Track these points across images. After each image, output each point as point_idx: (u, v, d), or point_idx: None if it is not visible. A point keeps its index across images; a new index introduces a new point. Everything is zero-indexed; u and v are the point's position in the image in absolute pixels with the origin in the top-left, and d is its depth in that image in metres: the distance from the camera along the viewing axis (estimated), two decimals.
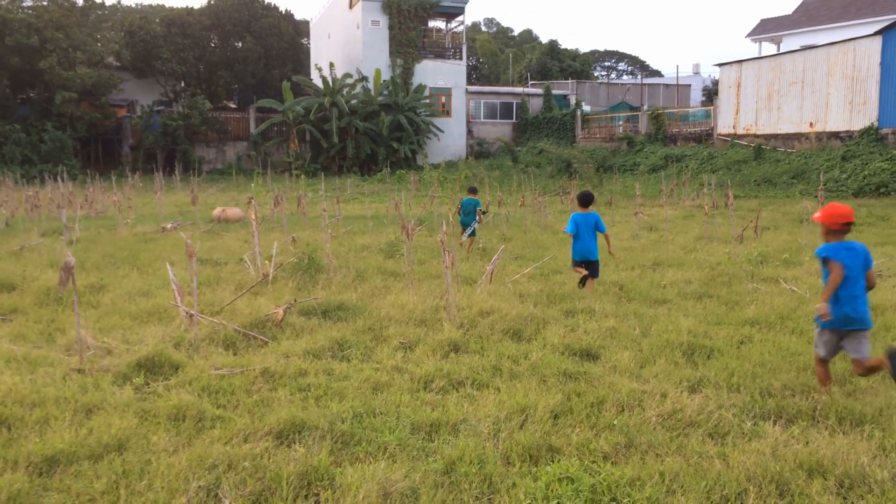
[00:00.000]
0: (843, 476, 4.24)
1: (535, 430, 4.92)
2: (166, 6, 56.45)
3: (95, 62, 40.40)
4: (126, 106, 45.27)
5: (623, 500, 3.99)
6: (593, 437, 4.84)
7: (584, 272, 9.67)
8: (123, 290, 9.66)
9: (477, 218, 13.70)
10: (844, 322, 5.59)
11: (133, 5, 57.40)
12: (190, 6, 54.00)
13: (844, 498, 4.08)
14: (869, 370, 5.64)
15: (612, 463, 4.48)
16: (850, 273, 5.62)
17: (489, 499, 4.10)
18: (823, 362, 5.80)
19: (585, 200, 9.84)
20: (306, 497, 4.12)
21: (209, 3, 54.63)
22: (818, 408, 5.30)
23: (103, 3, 43.57)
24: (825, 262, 5.69)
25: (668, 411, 5.21)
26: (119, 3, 53.41)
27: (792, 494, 4.08)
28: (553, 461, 4.45)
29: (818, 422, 5.12)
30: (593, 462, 4.48)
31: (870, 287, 5.79)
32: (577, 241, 9.63)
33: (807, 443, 4.69)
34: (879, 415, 5.14)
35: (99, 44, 42.78)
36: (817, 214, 5.91)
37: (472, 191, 14.79)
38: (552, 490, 4.08)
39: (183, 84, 50.48)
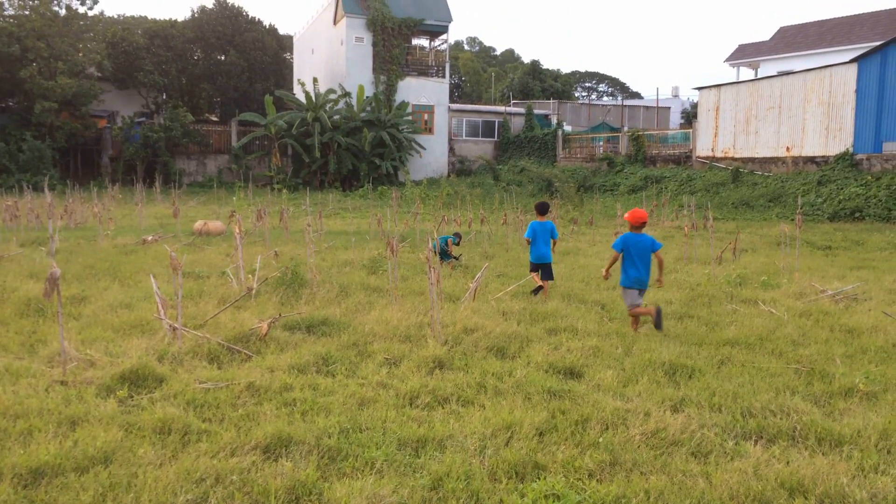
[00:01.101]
0: (823, 496, 4.32)
1: (520, 447, 4.96)
2: (149, 18, 56.27)
3: (76, 72, 40.15)
4: (107, 117, 44.97)
5: None
6: (578, 454, 4.89)
7: (539, 282, 10.70)
8: (105, 301, 9.59)
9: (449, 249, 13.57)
10: (637, 283, 8.62)
11: (116, 16, 57.26)
12: (174, 18, 53.99)
13: None
14: (636, 314, 8.57)
15: (597, 480, 4.53)
16: (636, 252, 8.63)
17: None
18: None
19: (543, 209, 10.96)
20: None
21: (193, 15, 54.60)
22: (798, 428, 5.39)
23: (85, 14, 43.25)
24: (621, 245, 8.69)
25: (652, 430, 5.27)
26: (101, 13, 53.12)
27: None
28: (539, 478, 4.50)
29: (798, 442, 5.21)
30: (579, 479, 4.52)
31: (658, 263, 8.79)
32: (534, 246, 10.76)
33: (788, 462, 4.77)
34: (858, 435, 5.24)
35: (80, 54, 42.56)
36: (626, 215, 8.86)
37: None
38: None
39: (165, 96, 50.31)
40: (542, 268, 10.79)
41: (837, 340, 8.14)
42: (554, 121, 48.93)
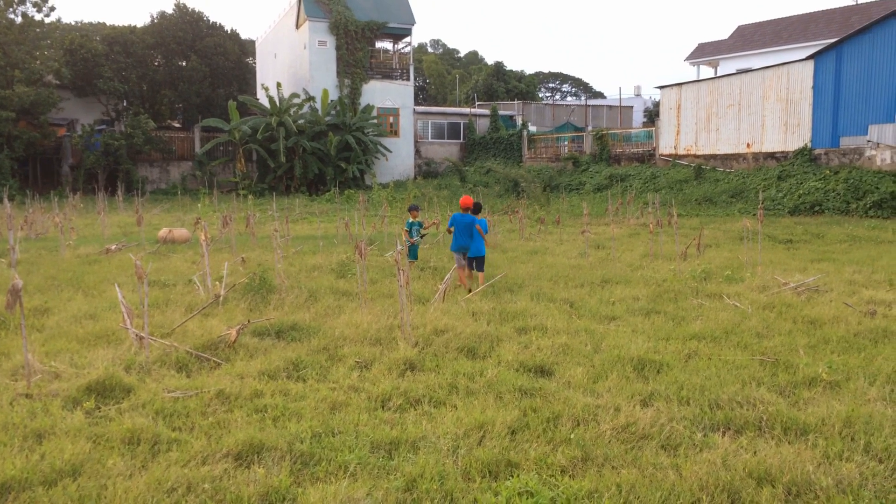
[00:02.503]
0: (790, 484, 4.41)
1: (493, 446, 4.99)
2: (108, 24, 55.33)
3: (34, 80, 39.34)
4: (66, 125, 44.10)
5: None
6: (551, 451, 4.93)
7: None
8: (69, 313, 9.43)
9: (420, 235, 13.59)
10: (459, 249, 11.41)
11: (73, 23, 56.20)
12: (133, 24, 53.14)
13: None
14: (463, 277, 11.50)
15: (569, 476, 4.58)
16: (459, 228, 11.37)
17: None
18: (461, 269, 11.52)
19: (477, 207, 12.00)
20: None
21: (152, 21, 53.79)
22: (764, 418, 5.50)
23: (42, 21, 42.40)
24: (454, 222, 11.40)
25: (622, 425, 5.34)
26: (59, 20, 52.19)
27: (743, 502, 4.23)
28: (512, 476, 4.53)
29: (765, 432, 5.31)
30: (551, 476, 4.57)
31: (482, 235, 11.31)
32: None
33: (755, 452, 4.87)
34: (822, 424, 5.36)
35: (38, 62, 41.69)
36: (461, 200, 11.64)
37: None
38: None
39: (125, 103, 49.48)
40: (477, 261, 11.55)
41: (800, 331, 8.31)
42: (519, 121, 49.15)
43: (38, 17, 41.40)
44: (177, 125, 53.89)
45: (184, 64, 52.69)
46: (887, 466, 4.68)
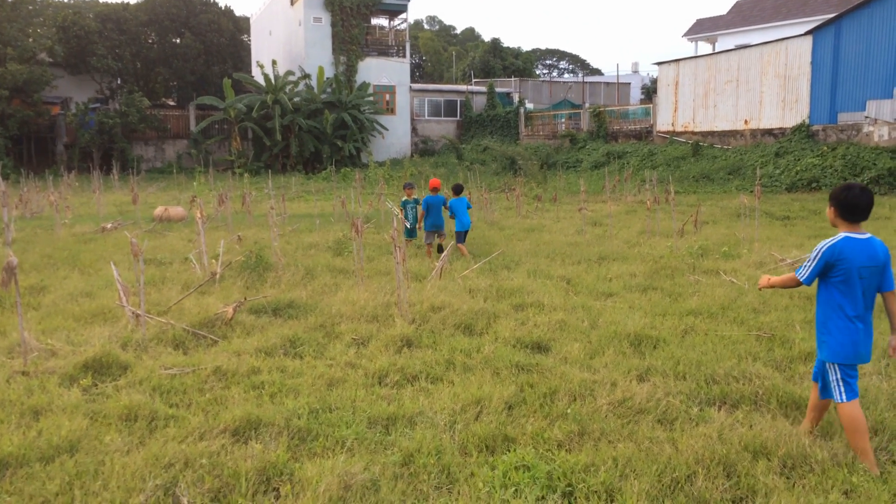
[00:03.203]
0: (785, 457, 4.43)
1: (490, 421, 5.01)
2: (101, 1, 54.73)
3: (27, 58, 39.00)
4: (60, 103, 43.81)
5: (578, 486, 4.10)
6: (547, 426, 4.95)
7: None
8: (65, 291, 9.42)
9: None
10: (433, 227, 12.64)
11: (66, 0, 55.63)
12: (126, 1, 52.61)
13: (787, 478, 4.27)
14: (429, 251, 12.71)
15: (566, 450, 4.60)
16: (432, 208, 12.60)
17: (448, 489, 4.17)
18: (429, 246, 12.78)
19: (458, 188, 13.23)
20: (265, 492, 4.12)
21: None
22: (760, 393, 5.52)
23: None
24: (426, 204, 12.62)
25: (619, 399, 5.36)
26: None
27: (738, 475, 4.25)
28: (509, 450, 4.55)
29: (760, 406, 5.33)
30: (548, 450, 4.58)
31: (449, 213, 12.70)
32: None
33: (751, 426, 4.89)
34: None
35: (31, 39, 41.32)
36: (430, 182, 13.10)
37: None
38: (509, 478, 4.17)
39: (119, 81, 49.14)
40: (461, 234, 12.81)
41: (796, 307, 8.32)
42: (516, 99, 48.91)
43: None
44: (171, 103, 53.55)
45: (178, 41, 52.24)
46: (882, 439, 4.71)
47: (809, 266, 4.53)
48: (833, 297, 4.50)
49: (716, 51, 39.88)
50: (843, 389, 4.51)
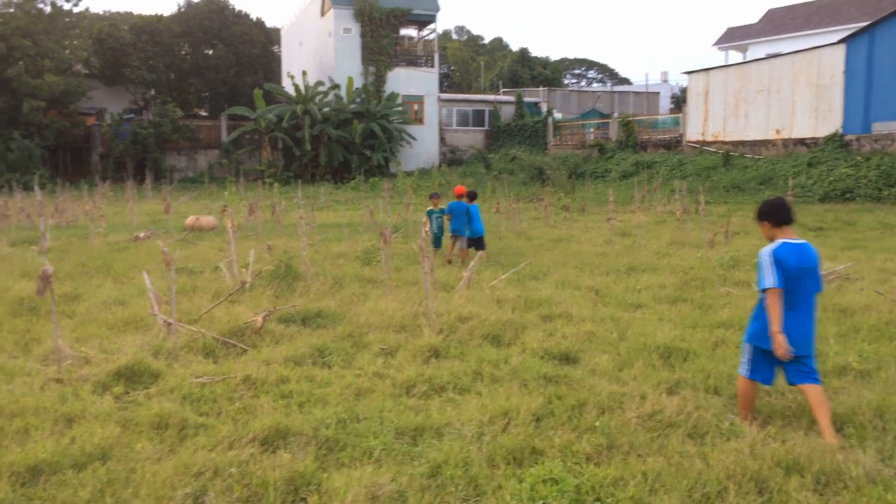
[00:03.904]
0: (819, 473, 4.35)
1: (518, 433, 4.98)
2: (135, 13, 55.77)
3: (63, 70, 39.84)
4: (95, 114, 44.67)
5: (607, 500, 4.07)
6: (575, 438, 4.91)
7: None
8: (98, 299, 9.57)
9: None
10: (454, 232, 13.02)
11: (101, 13, 56.65)
12: (160, 14, 53.60)
13: (821, 495, 4.19)
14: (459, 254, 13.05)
15: (594, 464, 4.56)
16: (455, 213, 12.92)
17: (475, 501, 4.16)
18: (451, 249, 13.32)
19: (472, 195, 13.64)
20: (293, 502, 4.14)
21: (179, 10, 54.22)
22: (793, 407, 5.43)
23: (71, 11, 42.92)
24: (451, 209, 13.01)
25: (648, 412, 5.30)
26: (87, 10, 52.82)
27: (770, 492, 4.18)
28: (537, 463, 4.52)
29: (793, 421, 5.24)
30: (576, 463, 4.55)
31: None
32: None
33: (783, 441, 4.80)
34: (853, 413, 5.28)
35: (67, 51, 42.22)
36: (455, 189, 13.67)
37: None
38: (537, 491, 4.14)
39: (153, 92, 50.00)
40: (477, 240, 13.19)
41: (830, 320, 8.19)
42: (544, 108, 48.85)
43: (66, 6, 41.92)
44: (203, 113, 54.35)
45: (210, 52, 53.06)
46: None
47: (769, 273, 5.05)
48: None
49: (747, 60, 39.50)
50: (748, 367, 5.30)
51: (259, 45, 55.36)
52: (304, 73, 41.58)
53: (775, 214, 5.22)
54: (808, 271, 5.08)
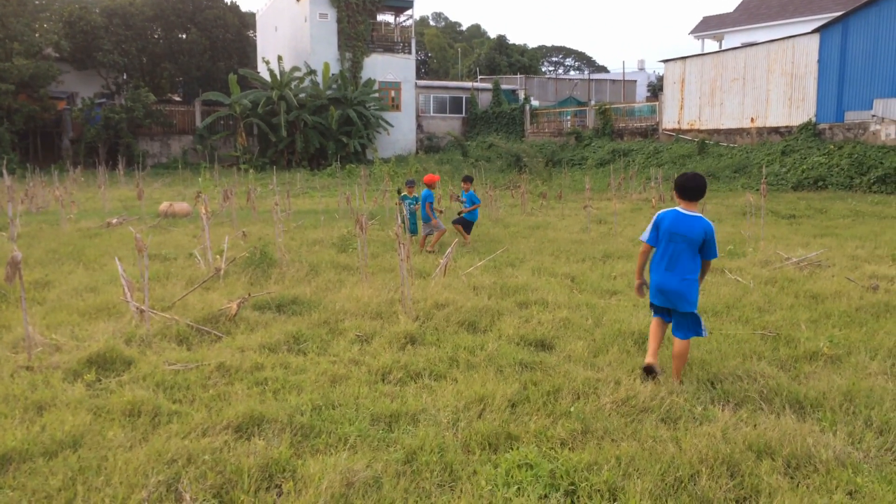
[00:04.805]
0: (790, 457, 4.41)
1: (493, 419, 5.00)
2: None
3: (33, 53, 39.06)
4: (66, 98, 43.87)
5: (581, 485, 4.09)
6: (550, 424, 4.93)
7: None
8: (70, 286, 9.43)
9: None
10: (425, 218, 12.98)
11: None
12: None
13: (792, 478, 4.25)
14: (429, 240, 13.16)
15: (569, 449, 4.58)
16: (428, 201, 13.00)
17: (451, 486, 4.16)
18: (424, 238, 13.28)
19: (468, 179, 14.16)
20: (268, 489, 4.12)
21: None
22: (765, 392, 5.50)
23: None
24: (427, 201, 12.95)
25: (622, 398, 5.34)
26: None
27: (742, 475, 4.23)
28: (512, 448, 4.53)
29: (765, 405, 5.31)
30: (551, 448, 4.57)
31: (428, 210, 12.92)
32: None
33: (755, 425, 4.87)
34: (823, 398, 5.35)
35: (37, 34, 41.38)
36: (428, 177, 13.51)
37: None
38: (512, 476, 4.16)
39: (125, 76, 49.18)
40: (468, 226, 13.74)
41: (802, 306, 8.29)
42: (521, 96, 48.84)
43: None
44: (177, 99, 53.67)
45: (183, 36, 52.32)
46: (887, 440, 4.69)
47: (646, 230, 6.00)
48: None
49: (722, 48, 39.73)
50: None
51: (234, 30, 54.65)
52: (280, 59, 41.17)
53: (678, 188, 5.81)
54: (680, 237, 5.69)
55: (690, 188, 5.73)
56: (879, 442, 4.65)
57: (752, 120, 30.76)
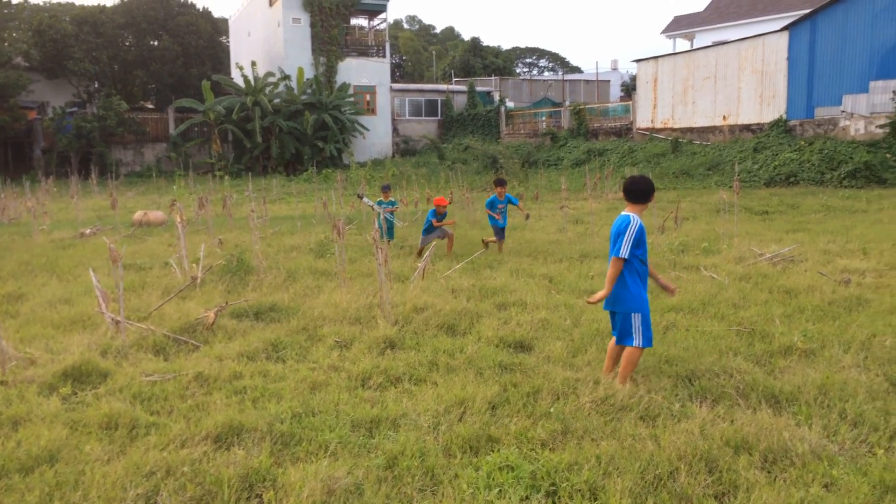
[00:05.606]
0: (766, 451, 4.47)
1: (474, 422, 5.01)
2: (77, 4, 54.19)
3: (2, 63, 38.59)
4: (37, 108, 43.35)
5: (562, 485, 4.11)
6: (531, 425, 4.95)
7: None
8: (43, 298, 9.31)
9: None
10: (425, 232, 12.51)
11: (42, 3, 54.92)
12: (102, 4, 52.29)
13: (769, 472, 4.30)
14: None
15: (549, 449, 4.60)
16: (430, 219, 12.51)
17: (432, 491, 4.17)
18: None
19: (501, 182, 13.05)
20: (248, 499, 4.09)
21: (122, 0, 52.87)
22: (741, 387, 5.56)
23: (10, 2, 41.60)
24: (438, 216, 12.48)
25: (601, 397, 5.37)
26: (27, 1, 51.04)
27: (720, 470, 4.28)
28: (493, 451, 4.55)
29: (741, 401, 5.36)
30: (532, 449, 4.59)
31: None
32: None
33: (732, 421, 4.92)
34: (798, 391, 5.42)
35: (6, 44, 40.91)
36: (440, 198, 12.83)
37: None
38: (493, 479, 4.17)
39: (97, 84, 48.72)
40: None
41: (776, 301, 8.39)
42: (496, 97, 48.98)
43: None
44: (150, 106, 53.21)
45: (155, 43, 51.90)
46: (861, 432, 4.76)
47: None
48: None
49: (694, 47, 40.12)
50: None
51: (206, 36, 54.33)
52: (254, 64, 40.96)
53: (623, 191, 5.82)
54: (612, 237, 5.72)
55: (630, 190, 5.74)
56: (854, 434, 4.72)
57: (725, 118, 31.10)
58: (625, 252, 5.54)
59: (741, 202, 17.92)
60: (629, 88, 53.21)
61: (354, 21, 47.71)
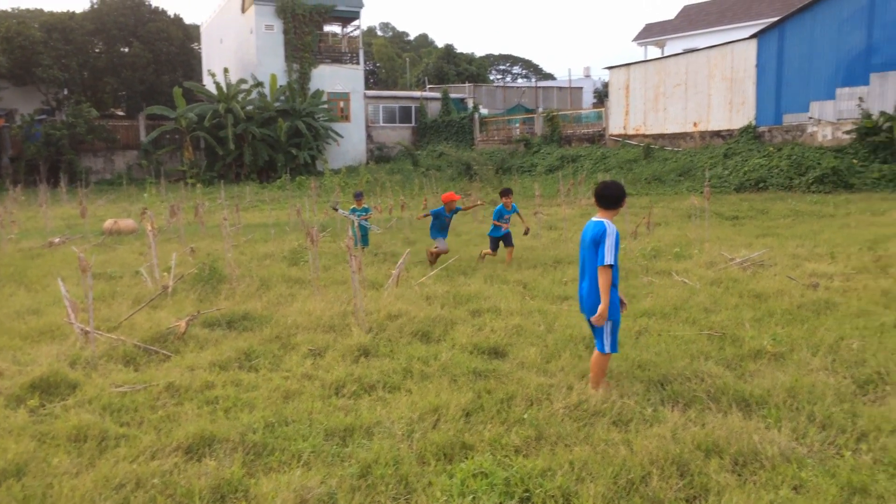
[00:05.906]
0: (737, 454, 4.52)
1: (448, 429, 5.00)
2: (46, 11, 53.47)
3: None
4: (4, 115, 42.62)
5: (535, 491, 4.12)
6: (505, 432, 4.96)
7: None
8: (11, 308, 9.16)
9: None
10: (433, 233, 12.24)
11: (9, 10, 54.14)
12: (72, 11, 51.62)
13: (739, 475, 4.35)
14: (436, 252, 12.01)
15: (523, 456, 4.62)
16: (442, 215, 12.15)
17: (406, 499, 4.16)
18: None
19: (507, 192, 12.84)
20: None
21: (92, 7, 52.28)
22: (712, 391, 5.61)
23: None
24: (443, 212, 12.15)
25: (575, 403, 5.40)
26: None
27: (692, 474, 4.31)
28: (467, 458, 4.55)
29: (712, 405, 5.42)
30: (506, 456, 4.60)
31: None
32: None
33: (703, 425, 4.97)
34: (767, 395, 5.49)
35: None
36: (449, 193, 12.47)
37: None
38: (467, 486, 4.17)
39: (66, 91, 48.04)
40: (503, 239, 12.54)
41: (746, 305, 8.49)
42: (470, 104, 49.12)
43: None
44: (120, 113, 52.59)
45: (126, 50, 51.39)
46: (829, 434, 4.83)
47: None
48: None
49: (664, 55, 40.59)
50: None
51: (178, 43, 53.88)
52: (226, 71, 40.70)
53: (594, 196, 5.93)
54: (584, 243, 5.77)
55: (602, 196, 5.80)
56: (822, 436, 4.79)
57: (695, 124, 31.48)
58: (610, 258, 5.48)
59: (712, 207, 18.13)
60: (602, 95, 53.62)
61: (328, 28, 47.63)
